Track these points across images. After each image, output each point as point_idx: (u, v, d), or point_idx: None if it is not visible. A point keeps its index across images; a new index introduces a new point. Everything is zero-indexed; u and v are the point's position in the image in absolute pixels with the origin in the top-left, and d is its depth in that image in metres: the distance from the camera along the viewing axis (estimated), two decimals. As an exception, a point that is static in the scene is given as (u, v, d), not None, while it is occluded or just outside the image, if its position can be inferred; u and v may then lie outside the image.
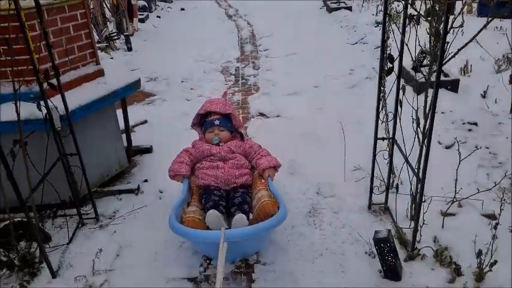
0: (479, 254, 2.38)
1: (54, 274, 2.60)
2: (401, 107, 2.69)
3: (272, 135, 4.26)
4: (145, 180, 3.58)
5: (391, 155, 2.89)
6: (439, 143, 3.92)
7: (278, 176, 3.51)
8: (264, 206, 2.53)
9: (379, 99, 2.79)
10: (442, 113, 4.44)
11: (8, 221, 2.62)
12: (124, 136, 3.84)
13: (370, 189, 3.00)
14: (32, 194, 2.46)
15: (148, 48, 8.00)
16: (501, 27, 7.17)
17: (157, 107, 5.23)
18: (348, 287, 2.43)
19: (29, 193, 2.45)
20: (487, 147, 3.82)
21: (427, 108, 2.52)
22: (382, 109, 2.91)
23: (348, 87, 5.51)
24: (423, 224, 2.62)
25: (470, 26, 3.01)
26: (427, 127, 2.41)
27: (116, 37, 7.65)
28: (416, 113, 2.60)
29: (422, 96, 2.62)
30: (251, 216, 2.58)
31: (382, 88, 2.84)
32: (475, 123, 4.20)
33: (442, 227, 2.80)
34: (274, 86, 5.67)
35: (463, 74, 5.51)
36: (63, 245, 2.84)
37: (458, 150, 2.63)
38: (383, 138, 2.86)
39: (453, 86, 4.98)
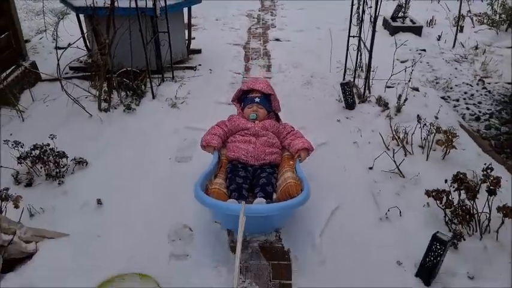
0: (399, 97, 4.03)
1: (154, 96, 4.30)
2: (364, 13, 4.29)
3: (284, 49, 5.92)
4: (199, 64, 5.26)
5: (358, 47, 4.51)
6: (397, 59, 5.55)
7: (286, 67, 5.18)
8: (288, 187, 2.47)
9: (352, 9, 4.39)
10: (404, 45, 6.05)
11: (126, 68, 4.31)
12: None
13: (344, 70, 4.65)
14: (148, 43, 4.13)
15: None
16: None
17: (199, 32, 6.83)
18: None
19: (146, 43, 4.11)
20: (428, 62, 5.46)
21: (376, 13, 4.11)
22: (354, 15, 4.46)
23: (341, 29, 7.07)
24: (372, 84, 4.28)
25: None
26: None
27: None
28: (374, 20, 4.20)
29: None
30: (274, 196, 2.53)
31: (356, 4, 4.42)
32: (424, 50, 5.84)
33: (384, 91, 4.44)
34: (287, 25, 7.25)
35: (428, 25, 7.09)
36: (156, 86, 4.53)
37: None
38: (353, 36, 4.48)
39: (417, 30, 6.59)
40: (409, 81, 4.16)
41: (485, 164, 2.57)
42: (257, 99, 3.01)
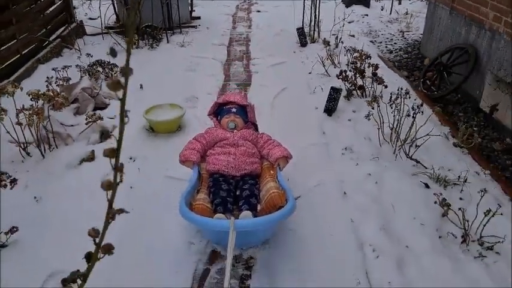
0: (337, 37, 5.69)
1: (168, 41, 5.95)
2: (314, -18, 5.95)
3: (262, 17, 7.62)
4: (199, 25, 6.92)
5: (310, 8, 6.15)
6: (344, 19, 7.21)
7: (262, 26, 6.85)
8: (272, 197, 2.39)
9: (306, -20, 6.04)
10: (353, 12, 7.74)
11: (146, 24, 5.96)
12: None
13: (302, 22, 6.31)
14: (164, 3, 5.78)
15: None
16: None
17: (198, 7, 8.41)
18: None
19: (163, 3, 5.76)
20: (368, 22, 7.12)
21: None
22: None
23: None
24: (320, 31, 5.94)
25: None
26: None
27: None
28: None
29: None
30: (259, 207, 2.44)
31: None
32: (367, 14, 7.53)
33: (330, 37, 6.09)
34: (267, 2, 8.93)
35: (377, 0, 8.76)
36: (169, 36, 6.19)
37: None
38: (308, -1, 6.13)
39: (366, 3, 8.28)
40: (343, 26, 5.84)
41: (365, 53, 4.24)
42: (234, 110, 2.96)
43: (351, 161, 3.25)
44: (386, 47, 6.01)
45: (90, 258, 0.92)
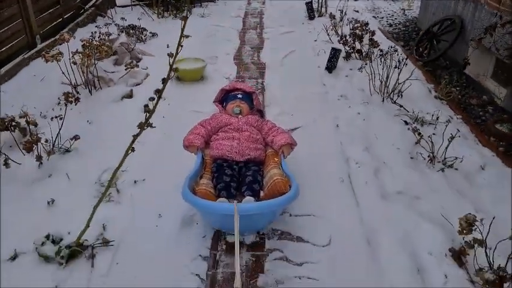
0: (341, 11, 6.21)
1: (190, 13, 6.53)
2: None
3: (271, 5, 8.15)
4: (214, 2, 7.50)
5: (319, -16, 6.68)
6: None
7: (275, 3, 7.40)
8: (276, 183, 2.37)
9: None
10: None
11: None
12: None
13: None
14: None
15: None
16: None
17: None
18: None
19: (185, -22, 6.34)
20: (372, 1, 7.61)
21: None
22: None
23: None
24: (327, 7, 6.47)
25: None
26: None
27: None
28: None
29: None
30: (262, 193, 2.42)
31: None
32: (372, -6, 8.03)
33: (336, 12, 6.61)
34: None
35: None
36: (191, 9, 6.77)
37: None
38: (316, -23, 6.65)
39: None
40: (348, 1, 6.37)
41: (363, 21, 4.79)
42: (240, 95, 2.95)
43: (345, 105, 3.83)
44: (387, 21, 6.53)
45: (164, 81, 1.54)
